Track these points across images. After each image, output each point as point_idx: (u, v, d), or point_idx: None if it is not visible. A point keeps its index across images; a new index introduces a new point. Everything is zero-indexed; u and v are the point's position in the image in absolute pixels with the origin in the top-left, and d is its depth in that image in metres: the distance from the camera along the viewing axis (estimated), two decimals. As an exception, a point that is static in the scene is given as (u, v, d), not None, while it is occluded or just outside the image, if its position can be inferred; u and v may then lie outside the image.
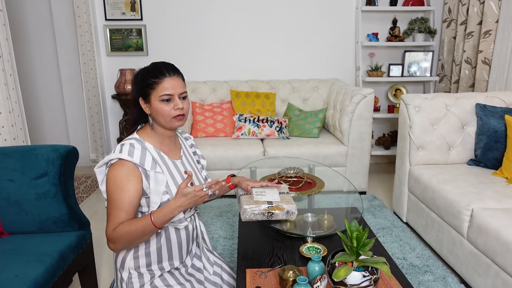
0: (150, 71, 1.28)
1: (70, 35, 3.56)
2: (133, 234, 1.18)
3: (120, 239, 1.19)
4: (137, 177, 1.22)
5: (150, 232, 1.20)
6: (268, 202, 1.37)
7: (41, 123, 3.83)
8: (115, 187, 1.21)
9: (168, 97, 1.26)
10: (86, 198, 3.17)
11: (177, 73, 1.30)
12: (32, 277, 1.35)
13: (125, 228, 1.18)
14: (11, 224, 1.67)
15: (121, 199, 1.20)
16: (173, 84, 1.26)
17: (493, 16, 2.86)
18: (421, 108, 2.44)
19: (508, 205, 1.84)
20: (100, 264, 2.19)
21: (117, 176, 1.21)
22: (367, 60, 3.74)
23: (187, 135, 1.56)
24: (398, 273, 1.34)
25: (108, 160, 1.24)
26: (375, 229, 2.50)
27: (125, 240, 1.20)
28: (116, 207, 1.20)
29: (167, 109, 1.26)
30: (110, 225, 1.21)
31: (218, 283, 1.47)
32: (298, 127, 3.27)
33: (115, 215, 1.20)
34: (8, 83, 2.18)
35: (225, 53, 3.69)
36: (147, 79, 1.26)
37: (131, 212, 1.22)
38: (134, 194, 1.21)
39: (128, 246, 1.23)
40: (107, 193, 1.23)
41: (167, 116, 1.27)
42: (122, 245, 1.21)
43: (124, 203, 1.20)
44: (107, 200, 1.24)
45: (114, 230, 1.19)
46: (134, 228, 1.18)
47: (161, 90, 1.25)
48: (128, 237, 1.19)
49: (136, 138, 1.28)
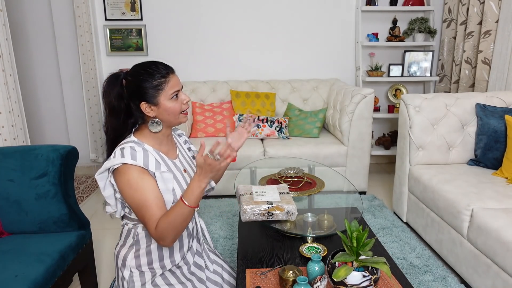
0: (150, 73, 1.22)
1: (70, 35, 3.56)
2: (174, 223, 1.16)
3: (165, 233, 1.17)
4: (148, 173, 1.21)
5: (189, 214, 1.18)
6: (268, 203, 1.38)
7: (41, 123, 3.83)
8: (133, 191, 1.18)
9: (177, 93, 1.25)
10: (86, 198, 3.17)
11: (173, 69, 1.28)
12: (32, 277, 1.35)
13: (164, 222, 1.16)
14: (11, 224, 1.67)
15: (146, 198, 1.18)
16: (176, 80, 1.27)
17: (493, 16, 2.86)
18: (421, 108, 2.44)
19: (508, 205, 1.84)
20: (100, 264, 2.19)
21: (130, 180, 1.18)
22: (367, 60, 3.75)
23: (180, 131, 1.54)
24: (398, 273, 1.34)
25: (110, 166, 1.20)
26: (375, 229, 2.50)
27: (171, 232, 1.17)
28: (146, 208, 1.18)
29: (177, 106, 1.26)
30: (150, 225, 1.18)
31: (219, 282, 1.47)
32: (298, 127, 3.27)
33: (150, 215, 1.18)
34: (8, 83, 2.18)
35: (225, 53, 3.69)
36: (151, 82, 1.21)
37: (161, 205, 1.20)
38: (154, 188, 1.20)
39: (176, 235, 1.19)
40: (128, 200, 1.20)
41: (177, 112, 1.26)
42: (170, 237, 1.18)
43: (151, 200, 1.18)
44: (131, 206, 1.21)
45: (156, 228, 1.17)
46: (173, 217, 1.16)
47: (170, 88, 1.23)
48: (172, 228, 1.16)
49: (134, 141, 1.25)
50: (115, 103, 1.25)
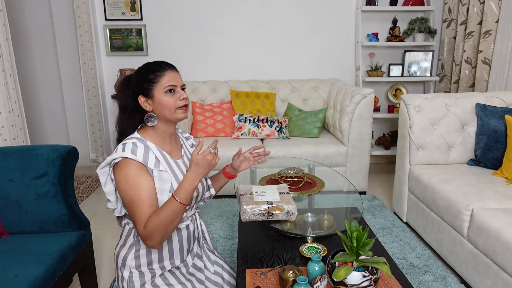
0: (149, 68, 1.28)
1: (70, 35, 3.56)
2: (164, 221, 1.16)
3: (154, 232, 1.16)
4: (146, 171, 1.22)
5: (179, 212, 1.19)
6: (268, 203, 1.38)
7: (41, 123, 3.82)
8: (128, 186, 1.19)
9: (172, 87, 1.27)
10: (86, 198, 3.17)
11: (174, 67, 1.32)
12: (32, 277, 1.35)
13: (154, 220, 1.16)
14: (11, 224, 1.67)
15: (140, 195, 1.18)
16: (175, 76, 1.29)
17: (493, 16, 2.86)
18: (421, 108, 2.44)
19: (508, 205, 1.84)
20: (100, 264, 2.19)
21: (127, 175, 1.19)
22: (367, 60, 3.74)
23: (187, 135, 1.56)
24: (398, 273, 1.34)
25: (111, 159, 1.22)
26: (375, 229, 2.50)
27: (159, 231, 1.16)
28: (137, 205, 1.18)
29: (172, 100, 1.27)
30: (139, 223, 1.18)
31: (219, 282, 1.47)
32: (298, 127, 3.27)
33: (140, 212, 1.18)
34: (8, 83, 2.18)
35: (225, 53, 3.69)
36: (148, 75, 1.27)
37: (154, 204, 1.20)
38: (150, 186, 1.21)
39: (164, 236, 1.19)
40: (122, 194, 1.21)
41: (172, 107, 1.27)
42: (158, 237, 1.17)
43: (144, 198, 1.18)
44: (124, 201, 1.22)
45: (145, 226, 1.17)
46: (164, 215, 1.16)
47: (165, 81, 1.26)
48: (161, 227, 1.16)
49: (137, 138, 1.28)
50: (124, 102, 1.32)
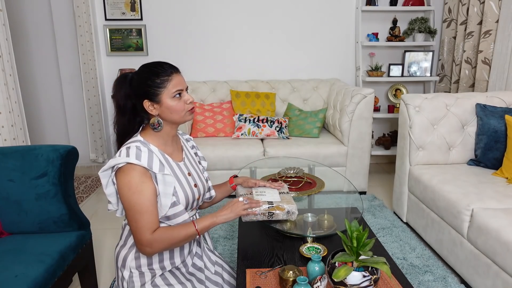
0: (153, 71, 1.25)
1: (70, 35, 3.56)
2: (174, 238, 1.23)
3: (160, 243, 1.21)
4: (149, 178, 1.23)
5: (190, 237, 1.26)
6: (269, 202, 1.37)
7: (41, 123, 3.82)
8: (131, 193, 1.19)
9: (180, 92, 1.27)
10: (86, 198, 3.17)
11: (178, 69, 1.31)
12: (32, 277, 1.35)
13: (166, 233, 1.21)
14: (11, 224, 1.67)
15: (142, 202, 1.20)
16: (180, 79, 1.29)
17: (493, 16, 2.86)
18: (421, 108, 2.44)
19: (508, 205, 1.84)
20: (100, 264, 2.19)
21: (131, 182, 1.19)
22: (367, 60, 3.74)
23: (187, 136, 1.56)
24: (398, 273, 1.34)
25: (114, 164, 1.21)
26: (375, 229, 2.50)
27: (166, 244, 1.23)
28: (140, 212, 1.19)
29: (181, 105, 1.27)
30: (143, 230, 1.20)
31: (219, 282, 1.47)
32: (298, 127, 3.27)
33: (144, 220, 1.20)
34: (8, 83, 2.18)
35: (225, 53, 3.69)
36: (153, 79, 1.24)
37: (155, 212, 1.23)
38: (152, 194, 1.22)
39: (165, 248, 1.25)
40: (124, 200, 1.21)
41: (181, 111, 1.28)
42: (160, 248, 1.23)
43: (146, 206, 1.20)
44: (125, 206, 1.22)
45: (154, 235, 1.20)
46: (176, 234, 1.23)
47: (173, 86, 1.25)
48: (168, 242, 1.22)
49: (140, 141, 1.27)
50: (122, 102, 1.30)
